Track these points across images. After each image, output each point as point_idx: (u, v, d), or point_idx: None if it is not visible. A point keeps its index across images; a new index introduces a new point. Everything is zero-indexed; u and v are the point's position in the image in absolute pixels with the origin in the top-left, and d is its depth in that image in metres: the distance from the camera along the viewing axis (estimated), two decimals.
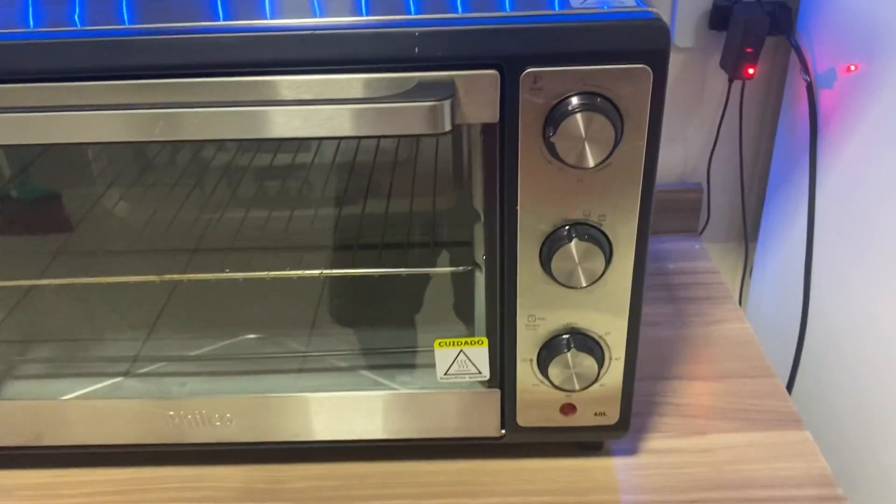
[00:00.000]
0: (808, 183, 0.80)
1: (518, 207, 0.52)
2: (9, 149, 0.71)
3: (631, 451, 0.66)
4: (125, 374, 0.70)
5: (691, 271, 0.90)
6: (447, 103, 0.46)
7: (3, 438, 0.63)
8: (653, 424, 0.69)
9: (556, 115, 0.48)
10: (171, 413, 0.62)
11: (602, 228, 0.52)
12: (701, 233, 0.98)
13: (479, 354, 0.58)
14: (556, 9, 0.49)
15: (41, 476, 0.66)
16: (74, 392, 0.65)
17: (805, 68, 0.80)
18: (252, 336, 0.74)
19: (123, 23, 0.50)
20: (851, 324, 0.75)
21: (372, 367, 0.69)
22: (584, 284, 0.53)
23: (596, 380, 0.58)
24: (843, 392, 0.77)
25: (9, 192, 0.76)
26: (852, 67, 0.76)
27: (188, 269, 0.75)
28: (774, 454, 0.65)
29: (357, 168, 0.84)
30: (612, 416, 0.61)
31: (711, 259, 0.92)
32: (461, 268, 0.61)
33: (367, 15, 0.49)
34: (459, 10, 0.50)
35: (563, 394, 0.59)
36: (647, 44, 0.47)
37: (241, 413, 0.62)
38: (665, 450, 0.66)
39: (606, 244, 0.53)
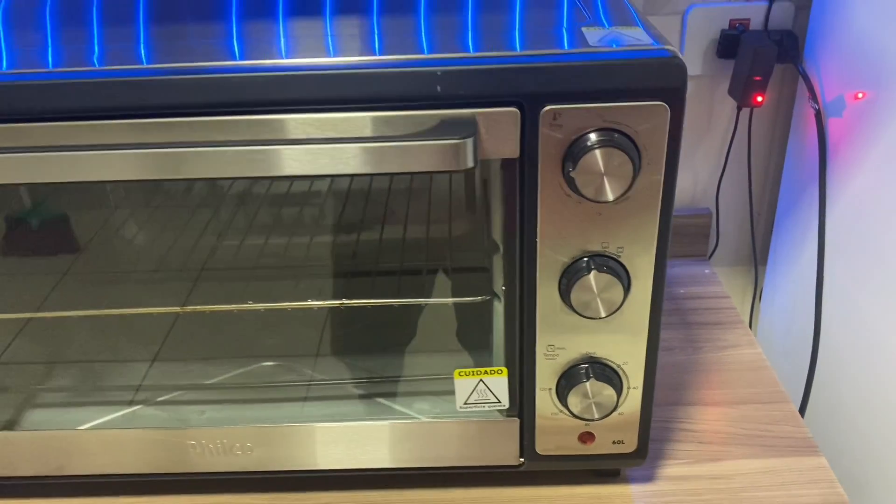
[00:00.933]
0: (819, 208, 0.81)
1: (538, 239, 0.53)
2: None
3: (648, 478, 0.67)
4: (144, 402, 0.70)
5: (702, 296, 0.90)
6: (470, 141, 0.47)
7: (26, 468, 0.63)
8: (668, 451, 0.69)
9: (575, 151, 0.49)
10: (193, 443, 0.62)
11: (620, 260, 0.53)
12: (710, 257, 0.99)
13: (498, 384, 0.59)
14: (574, 47, 0.50)
15: None
16: (94, 420, 0.66)
17: (813, 96, 0.81)
18: (268, 363, 0.75)
19: (142, 62, 0.51)
20: (863, 348, 0.76)
21: (388, 395, 0.69)
22: (602, 315, 0.54)
23: (615, 409, 0.58)
24: (856, 415, 0.78)
25: (26, 217, 0.78)
26: (860, 95, 0.77)
27: (205, 298, 0.76)
28: (790, 481, 0.66)
29: (371, 196, 0.85)
30: (631, 444, 0.61)
31: (721, 283, 0.93)
32: (479, 298, 0.62)
33: (381, 54, 0.51)
34: (471, 48, 0.51)
35: (581, 422, 0.60)
36: (663, 81, 0.48)
37: (261, 442, 0.62)
38: (681, 476, 0.67)
39: (625, 275, 0.53)
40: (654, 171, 0.50)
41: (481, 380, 0.59)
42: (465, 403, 0.60)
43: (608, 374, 0.57)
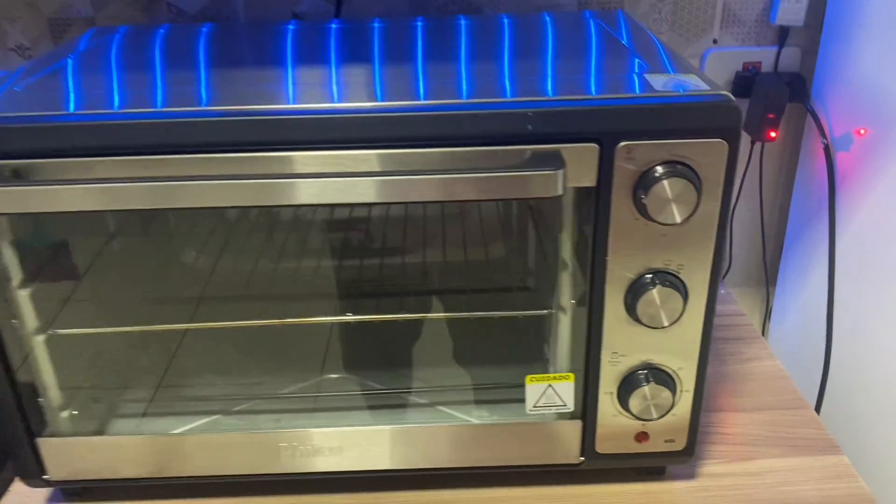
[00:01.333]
0: (829, 234, 0.90)
1: (608, 258, 0.60)
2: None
3: (689, 475, 0.74)
4: (221, 412, 0.76)
5: (721, 313, 0.98)
6: (561, 173, 0.54)
7: (127, 470, 0.69)
8: (706, 452, 0.76)
9: (646, 180, 0.57)
10: (284, 444, 0.68)
11: (680, 276, 0.61)
12: (723, 278, 1.07)
13: (565, 388, 0.66)
14: (642, 91, 0.58)
15: None
16: (179, 429, 0.72)
17: (822, 132, 0.90)
18: (333, 376, 0.81)
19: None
20: (872, 362, 0.84)
21: (447, 403, 0.76)
22: (665, 324, 0.61)
23: (670, 409, 0.65)
24: (867, 422, 0.86)
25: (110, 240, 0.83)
26: (862, 131, 0.86)
27: (281, 314, 0.82)
28: (818, 476, 0.73)
29: (415, 220, 0.92)
30: (681, 443, 0.68)
31: (737, 302, 1.01)
32: (545, 311, 0.69)
33: (469, 97, 0.58)
34: (550, 91, 0.59)
35: (638, 423, 0.67)
36: (723, 122, 0.56)
37: (348, 444, 0.68)
38: (720, 474, 0.74)
39: (683, 289, 0.61)
40: (713, 198, 0.58)
41: (550, 385, 0.66)
42: (535, 406, 0.67)
43: (665, 378, 0.64)
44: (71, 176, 0.55)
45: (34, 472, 0.68)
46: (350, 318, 0.78)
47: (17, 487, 0.74)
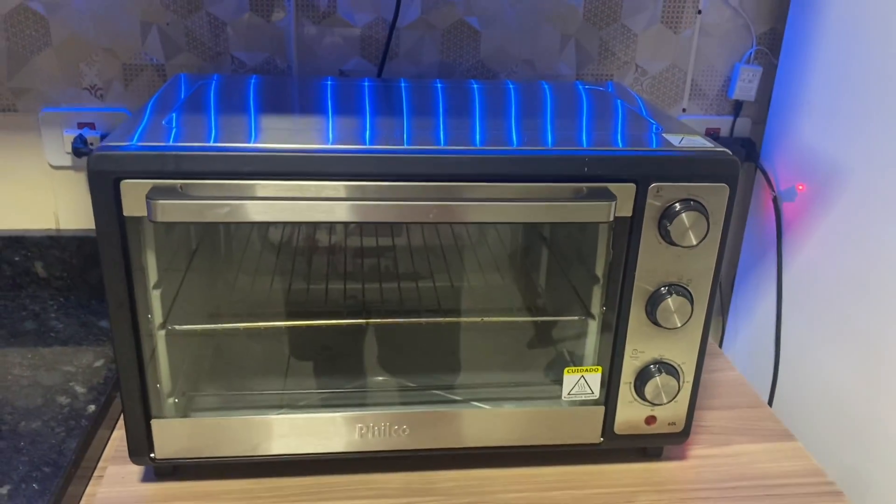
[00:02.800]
0: (777, 271, 1.10)
1: (636, 273, 0.78)
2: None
3: (681, 457, 0.91)
4: (288, 406, 0.89)
5: None
6: (614, 203, 0.72)
7: (227, 448, 0.81)
8: (693, 439, 0.94)
9: (669, 213, 0.75)
10: (360, 425, 0.82)
11: (688, 288, 0.79)
12: None
13: (594, 379, 0.83)
14: (663, 146, 0.77)
15: (241, 484, 0.83)
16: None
17: (771, 186, 1.12)
18: (378, 378, 0.95)
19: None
20: (813, 377, 1.04)
21: (481, 400, 0.91)
22: (678, 325, 0.79)
23: (675, 396, 0.83)
24: (808, 423, 1.05)
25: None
26: (800, 187, 1.08)
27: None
28: (780, 457, 0.92)
29: (445, 250, 1.08)
30: (680, 426, 0.86)
31: None
32: (577, 317, 0.86)
33: (520, 145, 0.76)
34: (584, 143, 0.77)
35: (648, 408, 0.84)
36: (726, 171, 0.75)
37: (415, 424, 0.82)
38: (704, 455, 0.91)
39: (691, 299, 0.79)
40: (716, 228, 0.76)
41: (583, 376, 0.82)
42: (569, 394, 0.83)
43: (672, 370, 0.82)
44: (222, 194, 0.69)
45: (144, 451, 0.79)
46: (402, 320, 0.93)
47: (112, 470, 0.84)
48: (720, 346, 1.29)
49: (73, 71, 1.04)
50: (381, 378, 0.94)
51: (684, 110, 1.17)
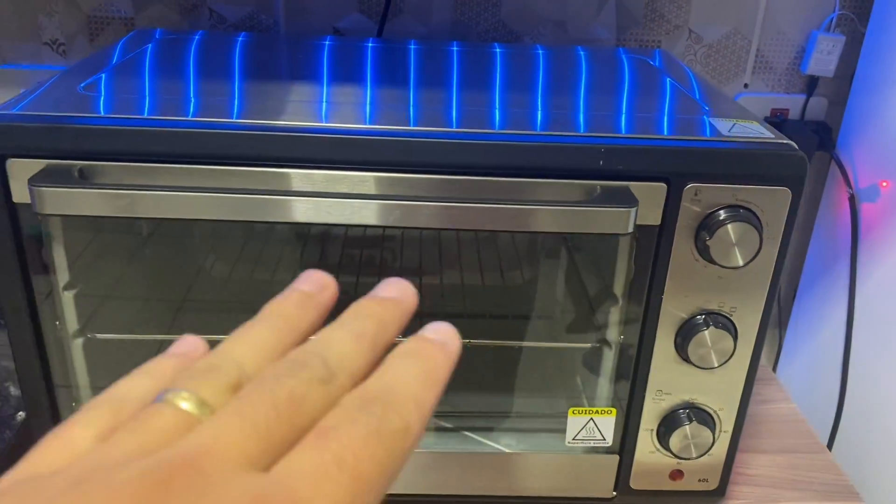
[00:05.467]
0: (849, 283, 0.91)
1: (663, 296, 0.61)
2: None
3: None
4: None
5: None
6: (634, 210, 0.55)
7: None
8: (731, 492, 0.77)
9: (710, 223, 0.57)
10: None
11: (732, 318, 0.61)
12: None
13: (606, 423, 0.66)
14: (709, 135, 0.59)
15: None
16: None
17: (847, 182, 0.92)
18: None
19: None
20: (884, 418, 0.86)
21: (474, 430, 0.76)
22: (715, 365, 0.62)
23: (709, 449, 0.66)
24: (876, 474, 0.87)
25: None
26: (884, 184, 0.88)
27: None
28: None
29: (442, 243, 0.93)
30: (713, 483, 0.69)
31: None
32: (589, 345, 0.69)
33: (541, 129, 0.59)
34: (623, 129, 0.59)
35: (674, 460, 0.67)
36: (789, 171, 0.57)
37: None
38: None
39: (734, 332, 0.62)
40: (772, 244, 0.59)
41: (591, 418, 0.66)
42: (574, 439, 0.67)
43: (705, 418, 0.65)
44: (133, 181, 0.55)
45: None
46: None
47: None
48: (773, 369, 1.10)
49: (31, 23, 0.91)
50: None
51: (746, 86, 0.97)
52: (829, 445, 0.92)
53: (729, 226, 0.57)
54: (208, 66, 0.72)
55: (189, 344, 0.29)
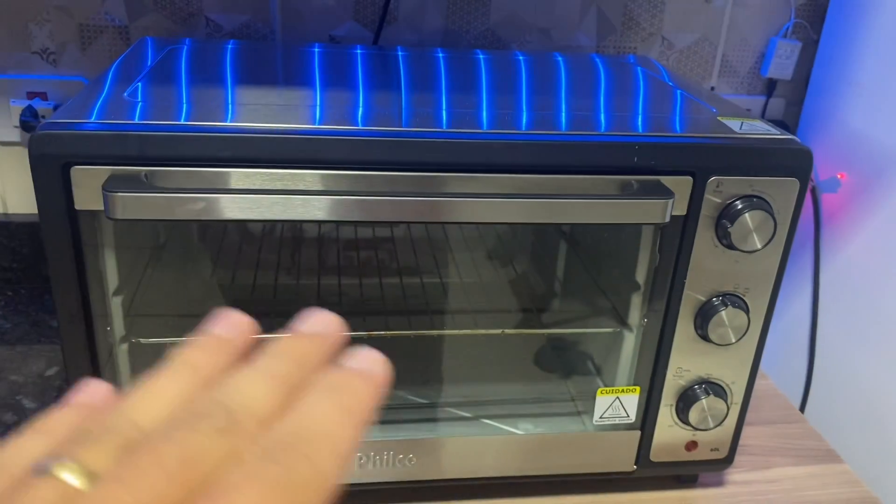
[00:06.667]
0: (813, 268, 1.00)
1: (686, 281, 0.66)
2: None
3: (718, 483, 0.80)
4: None
5: None
6: (671, 201, 0.60)
7: None
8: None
9: (730, 211, 0.63)
10: (359, 454, 0.70)
11: (745, 298, 0.68)
12: None
13: (630, 401, 0.71)
14: (722, 132, 0.65)
15: None
16: None
17: None
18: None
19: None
20: (851, 389, 0.95)
21: (491, 416, 0.80)
22: (733, 341, 0.68)
23: (722, 420, 0.72)
24: (844, 439, 0.96)
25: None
26: (841, 176, 0.97)
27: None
28: (828, 482, 0.82)
29: (438, 244, 0.96)
30: (723, 452, 0.75)
31: None
32: (610, 329, 0.75)
33: (567, 129, 0.64)
34: (641, 129, 0.65)
35: (689, 432, 0.73)
36: (797, 162, 0.63)
37: (421, 453, 0.71)
38: (744, 481, 0.81)
39: (747, 310, 0.68)
40: (782, 230, 0.65)
41: (618, 397, 0.71)
42: (601, 417, 0.72)
43: (720, 391, 0.71)
44: (194, 185, 0.56)
45: None
46: (390, 332, 0.81)
47: None
48: None
49: (22, 32, 0.90)
50: None
51: (713, 88, 1.05)
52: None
53: (747, 214, 0.63)
54: (249, 74, 0.74)
55: (91, 392, 0.27)
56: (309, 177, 0.57)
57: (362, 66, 0.81)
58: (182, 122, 0.57)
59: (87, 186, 0.55)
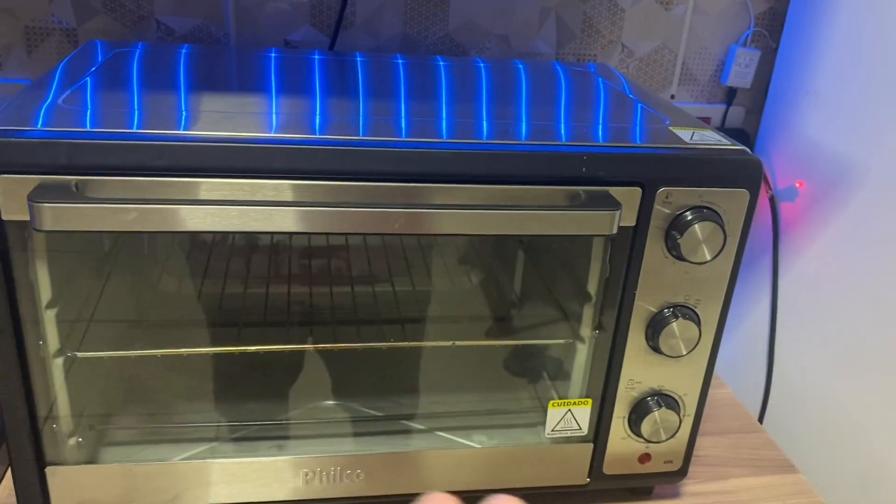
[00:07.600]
0: (772, 276, 1.00)
1: (636, 292, 0.65)
2: None
3: (674, 495, 0.80)
4: (217, 439, 0.75)
5: None
6: (618, 212, 0.59)
7: (141, 500, 0.66)
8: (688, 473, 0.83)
9: (680, 222, 0.62)
10: (306, 470, 0.68)
11: (696, 309, 0.67)
12: None
13: (582, 413, 0.70)
14: (672, 142, 0.64)
15: None
16: (176, 457, 0.70)
17: (767, 183, 1.01)
18: (328, 403, 0.81)
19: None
20: (809, 395, 0.94)
21: (445, 429, 0.78)
22: (684, 353, 0.67)
23: (675, 432, 0.71)
24: (803, 447, 0.96)
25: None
26: (799, 184, 0.97)
27: (262, 342, 0.82)
28: (782, 493, 0.81)
29: (394, 250, 0.95)
30: (677, 464, 0.74)
31: None
32: (563, 340, 0.74)
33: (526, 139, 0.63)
34: (600, 139, 0.64)
35: (643, 445, 0.72)
36: (747, 173, 0.63)
37: (371, 468, 0.69)
38: (699, 493, 0.80)
39: (698, 322, 0.67)
40: (733, 241, 0.65)
41: (570, 410, 0.70)
42: (553, 430, 0.71)
43: (672, 403, 0.70)
44: (128, 195, 0.55)
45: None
46: (340, 345, 0.80)
47: None
48: None
49: None
50: (329, 403, 0.80)
51: (673, 97, 1.05)
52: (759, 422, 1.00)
53: (697, 225, 0.62)
54: (199, 79, 0.72)
55: None
56: (247, 186, 0.56)
57: (319, 72, 0.79)
58: (114, 129, 0.56)
59: (15, 195, 0.53)
